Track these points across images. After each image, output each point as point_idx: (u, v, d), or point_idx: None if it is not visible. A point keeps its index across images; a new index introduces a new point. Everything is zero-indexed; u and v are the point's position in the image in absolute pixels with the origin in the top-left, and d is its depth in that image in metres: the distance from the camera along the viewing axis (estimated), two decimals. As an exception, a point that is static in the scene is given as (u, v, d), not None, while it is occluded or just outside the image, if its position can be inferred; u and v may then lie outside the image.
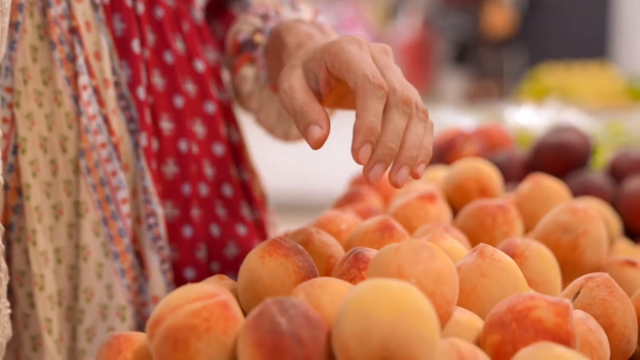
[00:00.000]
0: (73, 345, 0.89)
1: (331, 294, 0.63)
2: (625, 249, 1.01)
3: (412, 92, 0.69)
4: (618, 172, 1.28)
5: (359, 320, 0.54)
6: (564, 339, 0.60)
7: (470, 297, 0.68)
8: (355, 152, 0.65)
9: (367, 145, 0.65)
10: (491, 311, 0.63)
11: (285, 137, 1.01)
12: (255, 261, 0.69)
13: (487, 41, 5.95)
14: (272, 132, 1.02)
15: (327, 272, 0.75)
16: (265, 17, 0.93)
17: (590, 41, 5.82)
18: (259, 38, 0.92)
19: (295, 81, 0.72)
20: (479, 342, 0.63)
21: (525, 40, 5.98)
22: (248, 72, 0.95)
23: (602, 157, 1.50)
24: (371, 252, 0.70)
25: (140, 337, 0.65)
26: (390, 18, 5.94)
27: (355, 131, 0.65)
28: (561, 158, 1.26)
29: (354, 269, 0.69)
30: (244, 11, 1.00)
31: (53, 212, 0.86)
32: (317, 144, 0.68)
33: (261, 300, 0.66)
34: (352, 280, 0.69)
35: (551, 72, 3.71)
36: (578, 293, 0.71)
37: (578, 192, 1.18)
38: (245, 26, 0.95)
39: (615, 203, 1.19)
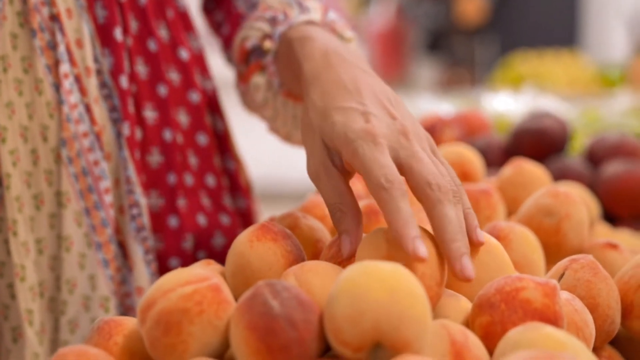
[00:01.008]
0: (55, 337, 0.88)
1: (321, 277, 0.63)
2: (605, 232, 1.02)
3: (445, 177, 0.66)
4: (595, 157, 1.30)
5: (351, 302, 0.54)
6: (552, 319, 0.60)
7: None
8: (413, 254, 0.61)
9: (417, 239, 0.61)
10: (479, 292, 0.64)
11: None
12: (244, 245, 0.69)
13: (459, 30, 5.98)
14: (289, 140, 0.97)
15: (315, 256, 0.75)
16: (273, 21, 0.88)
17: (560, 30, 5.88)
18: (269, 44, 0.87)
19: (320, 167, 0.69)
20: (468, 324, 0.64)
21: (497, 29, 6.01)
22: (259, 80, 0.90)
23: (578, 143, 1.52)
24: (359, 236, 0.71)
25: (130, 322, 0.64)
26: (364, 7, 5.94)
27: (398, 237, 0.62)
28: (540, 143, 1.27)
29: (341, 252, 0.70)
30: (251, 10, 0.97)
31: (34, 202, 0.85)
32: (347, 256, 0.68)
33: (250, 285, 0.67)
34: (341, 263, 0.69)
35: (524, 60, 3.73)
36: (563, 275, 0.72)
37: (556, 176, 1.20)
38: (252, 32, 0.90)
39: (593, 187, 1.20)
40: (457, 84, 5.46)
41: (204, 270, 0.61)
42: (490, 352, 0.60)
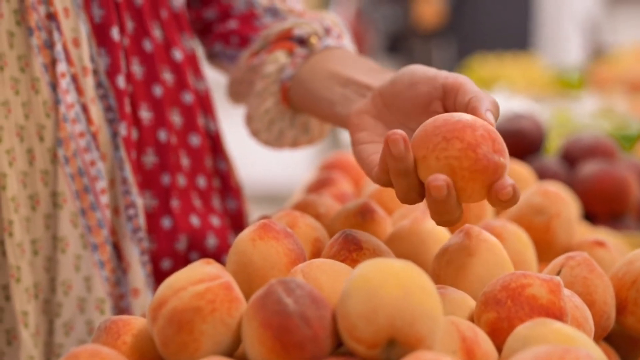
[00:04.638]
0: (50, 340, 0.86)
1: (329, 275, 0.64)
2: (584, 231, 1.04)
3: None
4: (571, 157, 1.32)
5: (365, 299, 0.55)
6: (557, 314, 0.62)
7: (459, 276, 0.69)
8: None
9: None
10: (484, 289, 0.65)
11: (267, 143, 0.97)
12: (246, 244, 0.69)
13: (417, 33, 6.02)
14: (256, 135, 0.96)
15: (314, 255, 0.75)
16: (327, 31, 0.92)
17: (516, 33, 5.95)
18: (315, 41, 0.90)
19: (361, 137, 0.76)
20: (473, 320, 0.64)
21: (454, 33, 6.07)
22: (282, 57, 0.90)
23: (552, 144, 1.54)
24: (360, 234, 0.71)
25: (138, 321, 0.64)
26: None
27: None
28: (517, 144, 1.29)
29: (344, 250, 0.70)
30: (271, 16, 0.97)
31: (30, 203, 0.84)
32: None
33: (252, 283, 0.67)
34: (343, 262, 0.69)
35: (483, 63, 3.77)
36: (560, 272, 0.73)
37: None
38: (305, 26, 0.92)
39: (569, 187, 1.22)
40: (416, 86, 5.49)
41: (215, 268, 0.61)
42: (497, 347, 0.61)
